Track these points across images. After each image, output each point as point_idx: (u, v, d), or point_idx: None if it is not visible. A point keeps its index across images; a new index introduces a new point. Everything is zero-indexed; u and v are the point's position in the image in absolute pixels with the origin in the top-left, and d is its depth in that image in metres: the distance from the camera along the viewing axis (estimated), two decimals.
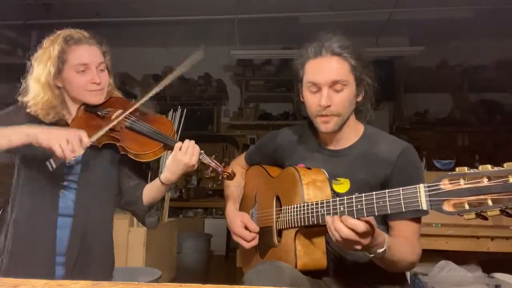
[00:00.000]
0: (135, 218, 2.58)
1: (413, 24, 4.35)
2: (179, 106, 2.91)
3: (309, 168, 1.26)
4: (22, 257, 1.31)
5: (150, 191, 1.44)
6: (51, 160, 1.20)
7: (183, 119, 2.90)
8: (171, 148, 1.32)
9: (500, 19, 3.99)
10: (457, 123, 4.88)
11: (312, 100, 1.24)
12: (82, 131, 1.22)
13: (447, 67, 4.85)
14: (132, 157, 1.34)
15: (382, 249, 1.00)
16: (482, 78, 4.67)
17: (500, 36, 4.36)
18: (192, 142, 1.30)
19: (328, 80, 1.19)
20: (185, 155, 1.29)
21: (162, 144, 1.33)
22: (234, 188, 1.55)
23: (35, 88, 1.33)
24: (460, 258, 2.33)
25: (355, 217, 0.97)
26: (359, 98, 1.28)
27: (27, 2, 3.73)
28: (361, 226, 0.93)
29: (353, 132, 1.31)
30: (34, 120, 1.33)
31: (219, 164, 1.34)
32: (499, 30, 4.24)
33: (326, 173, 1.26)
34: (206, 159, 1.33)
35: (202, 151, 1.32)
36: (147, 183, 1.48)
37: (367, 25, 4.24)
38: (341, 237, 0.96)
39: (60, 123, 1.37)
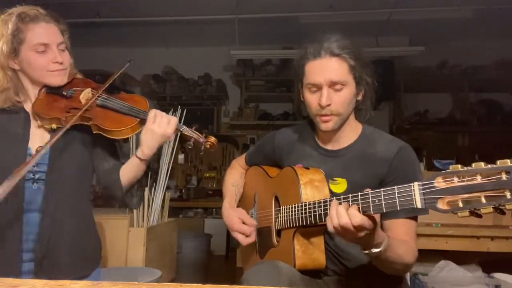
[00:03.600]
0: (135, 218, 2.60)
1: (413, 24, 4.35)
2: (179, 106, 2.91)
3: (307, 168, 1.26)
4: None
5: (129, 170, 1.34)
6: None
7: (183, 119, 2.90)
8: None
9: (500, 19, 3.99)
10: (457, 123, 4.88)
11: (312, 100, 1.24)
12: None
13: (447, 67, 4.85)
14: (107, 136, 1.27)
15: (378, 250, 1.00)
16: (482, 78, 4.67)
17: (500, 36, 4.36)
18: (164, 113, 1.27)
19: (327, 80, 1.20)
20: (157, 124, 1.25)
21: (138, 120, 1.28)
22: (231, 187, 1.54)
23: None
24: (460, 258, 2.33)
25: None
26: (359, 97, 1.28)
27: (26, 2, 3.72)
28: (358, 218, 0.92)
29: (352, 132, 1.31)
30: None
31: (200, 135, 1.30)
32: (499, 30, 4.25)
33: (324, 173, 1.26)
34: (187, 131, 1.29)
35: (184, 126, 1.29)
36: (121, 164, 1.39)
37: (367, 25, 4.24)
38: (339, 224, 0.94)
39: (14, 109, 1.28)
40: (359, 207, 0.95)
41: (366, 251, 1.01)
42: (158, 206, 2.79)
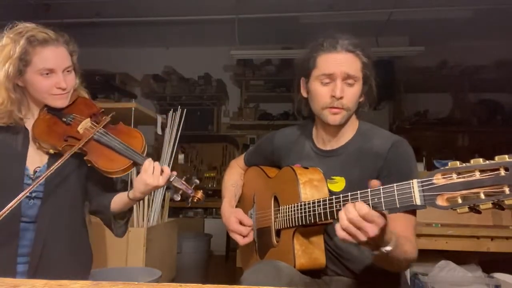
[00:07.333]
0: (135, 218, 2.60)
1: (413, 24, 4.36)
2: (179, 106, 2.91)
3: (306, 168, 1.27)
4: None
5: (118, 203, 1.37)
6: None
7: (183, 119, 2.90)
8: (140, 165, 1.27)
9: (500, 19, 4.00)
10: (457, 123, 4.88)
11: (323, 91, 1.23)
12: None
13: (447, 67, 4.85)
14: (99, 172, 1.29)
15: (389, 248, 0.96)
16: (482, 78, 4.67)
17: (500, 36, 4.36)
18: (157, 163, 1.27)
19: (343, 72, 1.21)
20: (152, 176, 1.24)
21: (131, 162, 1.28)
22: (231, 188, 1.55)
23: None
24: (460, 258, 2.33)
25: None
26: (361, 99, 1.29)
27: (27, 2, 3.73)
28: (364, 210, 0.89)
29: (350, 130, 1.32)
30: None
31: (189, 187, 1.30)
32: (499, 30, 4.25)
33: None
34: (178, 182, 1.29)
35: (175, 173, 1.29)
36: (115, 191, 1.40)
37: (367, 25, 4.24)
38: (347, 219, 0.91)
39: (15, 127, 1.29)
40: (368, 204, 0.93)
41: (376, 251, 0.98)
42: (158, 206, 2.78)
